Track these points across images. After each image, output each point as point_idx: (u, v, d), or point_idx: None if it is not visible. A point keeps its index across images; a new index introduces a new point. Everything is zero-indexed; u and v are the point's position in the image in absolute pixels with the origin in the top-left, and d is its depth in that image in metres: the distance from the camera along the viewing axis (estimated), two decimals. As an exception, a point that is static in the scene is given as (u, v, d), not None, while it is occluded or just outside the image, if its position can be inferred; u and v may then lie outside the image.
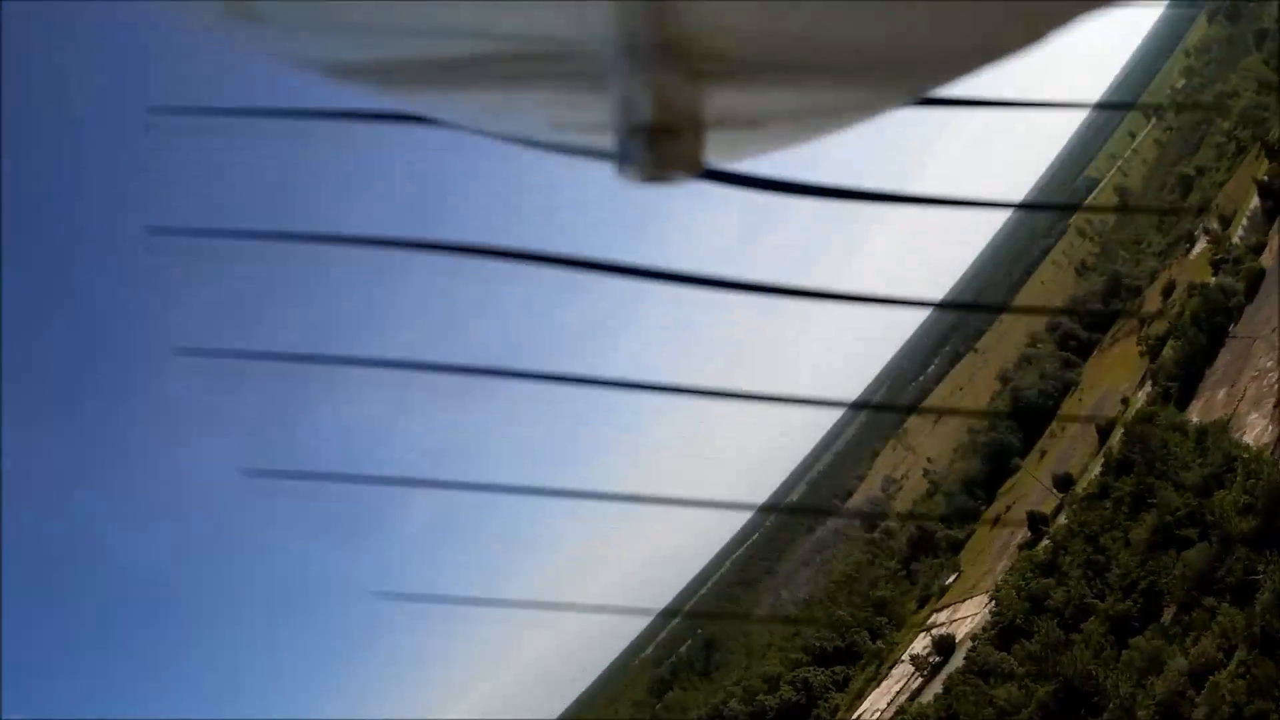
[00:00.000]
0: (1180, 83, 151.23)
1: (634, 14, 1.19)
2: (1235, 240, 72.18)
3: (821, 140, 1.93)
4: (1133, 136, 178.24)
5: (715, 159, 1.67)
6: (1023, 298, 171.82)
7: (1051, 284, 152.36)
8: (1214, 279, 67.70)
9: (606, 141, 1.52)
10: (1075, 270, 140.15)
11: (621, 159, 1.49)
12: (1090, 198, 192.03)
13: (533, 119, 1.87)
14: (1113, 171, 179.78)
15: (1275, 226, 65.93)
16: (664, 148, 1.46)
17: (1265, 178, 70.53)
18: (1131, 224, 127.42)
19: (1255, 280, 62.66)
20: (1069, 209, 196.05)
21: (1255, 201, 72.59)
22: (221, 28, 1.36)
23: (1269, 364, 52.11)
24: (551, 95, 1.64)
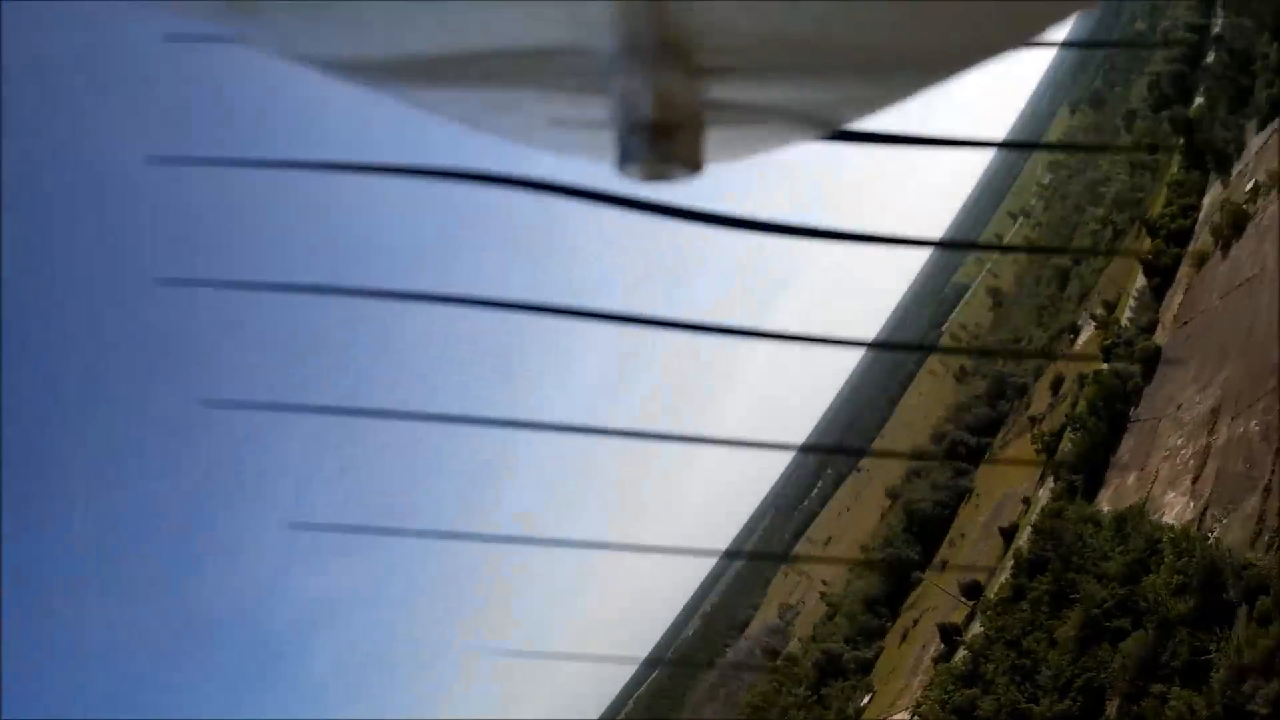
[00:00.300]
0: (1046, 178, 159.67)
1: (635, 12, 1.23)
2: (1124, 323, 74.69)
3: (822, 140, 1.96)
4: (1000, 238, 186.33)
5: (715, 157, 1.72)
6: (901, 411, 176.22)
7: (930, 394, 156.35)
8: (1106, 365, 69.62)
9: (607, 140, 1.60)
10: (954, 377, 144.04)
11: (622, 157, 1.56)
12: (960, 302, 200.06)
13: (533, 117, 1.90)
14: (982, 274, 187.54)
15: (1165, 302, 68.39)
16: (664, 146, 1.52)
17: (1150, 255, 73.43)
18: (1008, 322, 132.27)
19: (1151, 360, 64.50)
20: (925, 349, 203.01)
21: (1140, 281, 75.60)
22: (221, 24, 1.40)
23: (1179, 442, 53.08)
24: (552, 93, 1.68)
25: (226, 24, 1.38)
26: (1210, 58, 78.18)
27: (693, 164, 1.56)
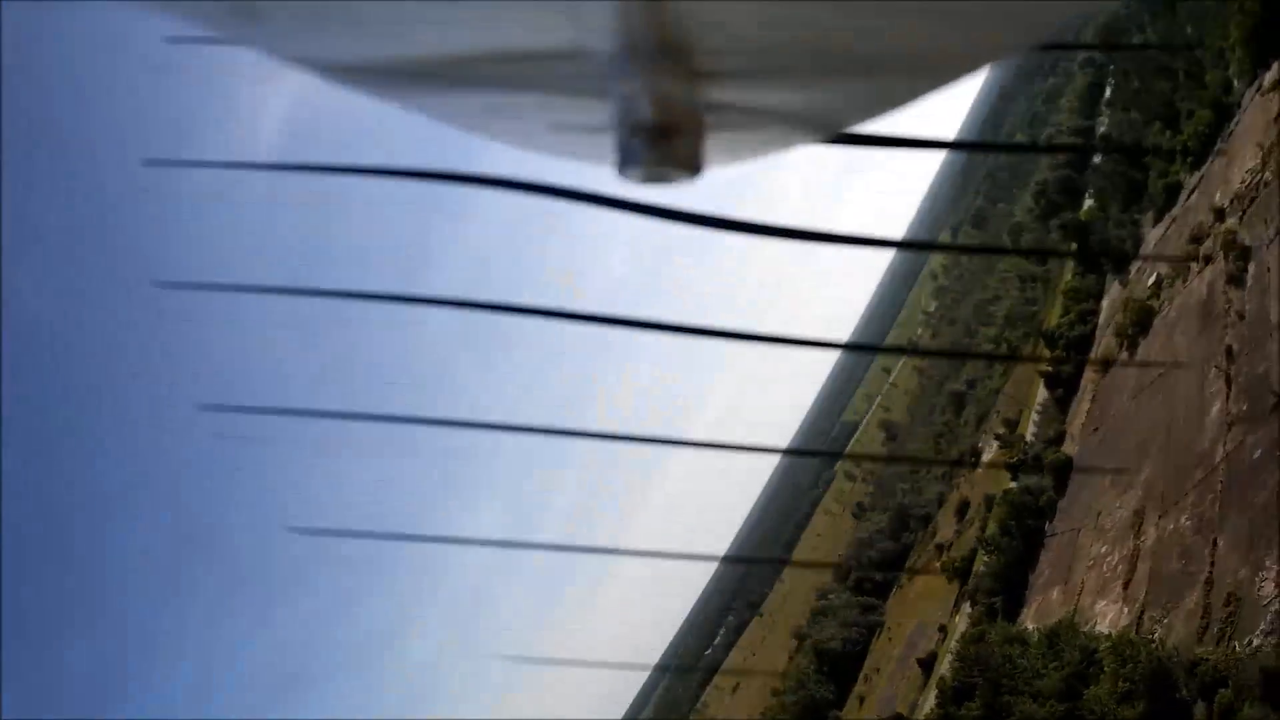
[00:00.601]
0: (932, 305, 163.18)
1: (634, 14, 1.29)
2: (1029, 438, 75.01)
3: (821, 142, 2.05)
4: (888, 372, 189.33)
5: (715, 159, 1.81)
6: (798, 554, 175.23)
7: (829, 534, 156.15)
8: (1014, 483, 69.59)
9: (607, 143, 1.67)
10: (852, 514, 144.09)
11: (622, 161, 1.63)
12: (852, 441, 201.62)
13: (533, 120, 1.99)
14: (873, 409, 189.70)
15: (1071, 412, 68.89)
16: (664, 148, 1.61)
17: (1050, 368, 74.31)
18: (903, 453, 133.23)
19: (1063, 471, 64.48)
20: (833, 456, 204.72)
21: (1043, 394, 76.29)
22: (221, 27, 1.46)
23: (1104, 549, 52.63)
24: (551, 96, 1.75)
25: (227, 27, 1.43)
26: (1098, 157, 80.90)
27: (692, 167, 1.65)
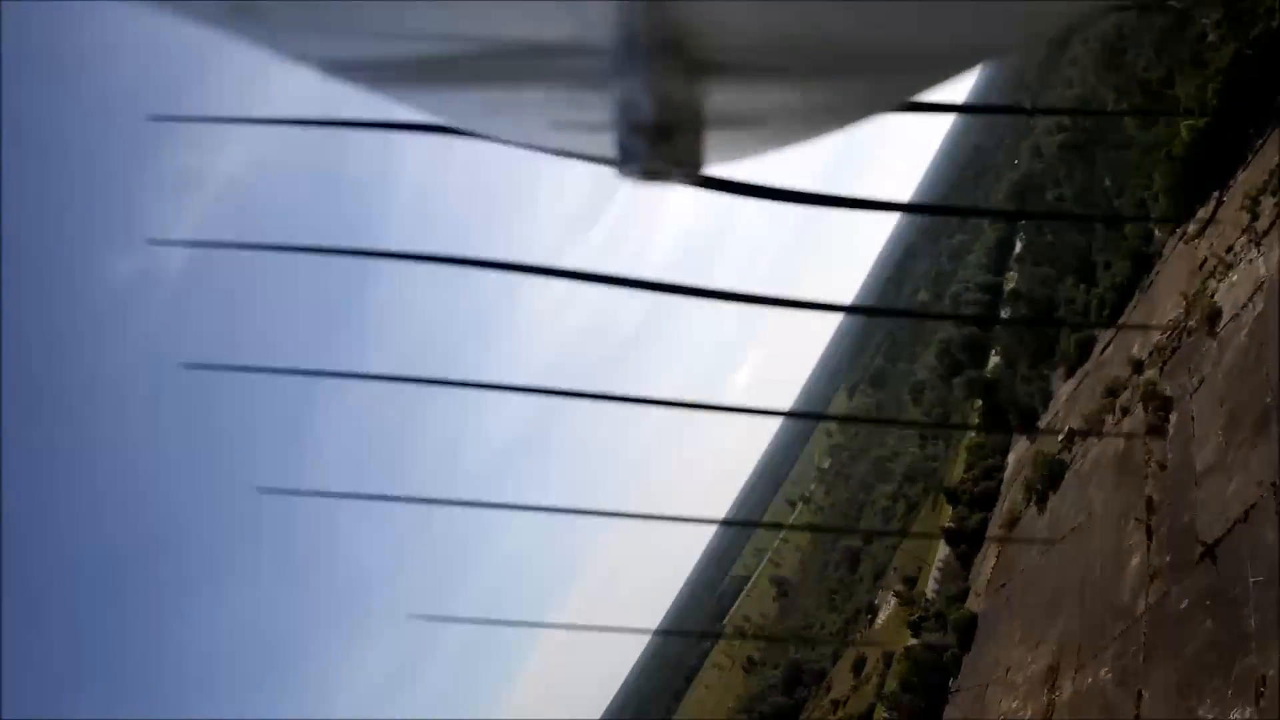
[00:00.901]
0: (826, 462, 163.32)
1: (634, 13, 1.28)
2: (929, 595, 73.78)
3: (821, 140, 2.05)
4: (779, 527, 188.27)
5: (716, 158, 1.82)
6: (687, 707, 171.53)
7: (718, 687, 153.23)
8: (915, 640, 68.22)
9: (607, 141, 1.69)
10: (743, 668, 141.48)
11: (622, 158, 1.66)
12: (740, 597, 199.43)
13: (533, 118, 1.99)
14: (763, 565, 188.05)
15: (975, 569, 67.96)
16: (664, 147, 1.63)
17: (951, 524, 73.52)
18: (795, 610, 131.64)
19: (968, 628, 63.15)
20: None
21: (943, 550, 75.30)
22: (222, 25, 1.45)
23: (1015, 704, 51.12)
24: (552, 94, 1.74)
25: (226, 24, 1.42)
26: (1006, 312, 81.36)
27: (693, 165, 1.68)
